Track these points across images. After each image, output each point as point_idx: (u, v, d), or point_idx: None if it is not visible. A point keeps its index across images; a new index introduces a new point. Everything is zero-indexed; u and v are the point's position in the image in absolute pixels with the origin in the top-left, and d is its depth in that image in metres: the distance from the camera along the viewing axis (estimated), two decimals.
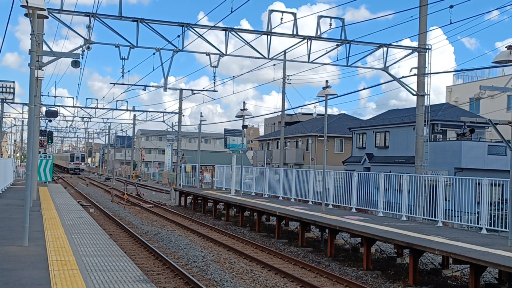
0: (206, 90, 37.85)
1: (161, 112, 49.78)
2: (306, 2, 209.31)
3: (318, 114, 49.43)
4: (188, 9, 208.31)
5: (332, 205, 22.09)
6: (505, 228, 14.77)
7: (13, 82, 36.46)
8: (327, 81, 20.65)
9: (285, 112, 40.50)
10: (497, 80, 38.97)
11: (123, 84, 32.24)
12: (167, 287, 12.17)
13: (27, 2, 10.33)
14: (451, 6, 18.17)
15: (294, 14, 21.01)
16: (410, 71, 21.93)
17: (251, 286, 12.60)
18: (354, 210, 20.66)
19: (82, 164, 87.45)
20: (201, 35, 20.87)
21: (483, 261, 10.92)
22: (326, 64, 25.13)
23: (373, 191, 20.28)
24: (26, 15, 11.20)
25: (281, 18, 20.62)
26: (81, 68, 23.14)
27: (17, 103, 44.66)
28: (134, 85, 35.98)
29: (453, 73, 48.68)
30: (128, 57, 20.96)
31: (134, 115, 58.66)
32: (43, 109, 38.19)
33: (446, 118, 36.93)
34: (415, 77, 22.00)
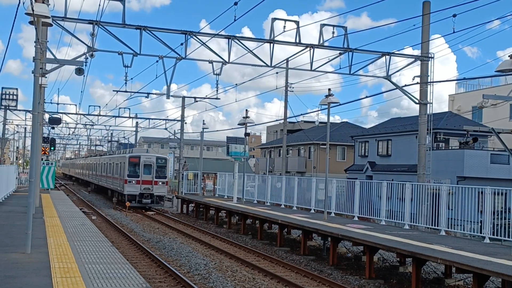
0: (208, 98, 37.91)
1: (163, 119, 49.88)
2: (308, 10, 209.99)
3: (320, 122, 49.47)
4: (190, 18, 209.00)
5: (334, 213, 22.05)
6: (509, 237, 14.73)
7: (16, 89, 36.67)
8: (329, 89, 20.68)
9: (287, 120, 40.51)
10: (500, 89, 38.94)
11: (126, 91, 32.28)
12: None
13: (32, 10, 10.39)
14: (454, 15, 18.23)
15: (297, 22, 21.09)
16: (413, 79, 21.99)
17: None
18: (356, 218, 20.62)
19: (160, 183, 35.85)
20: (204, 43, 20.95)
21: (486, 270, 10.89)
22: (329, 72, 25.22)
23: (375, 199, 20.24)
24: (30, 22, 11.27)
25: (284, 26, 20.71)
26: (84, 76, 23.22)
27: (20, 110, 44.79)
28: (137, 92, 36.10)
29: (456, 81, 48.67)
30: (131, 64, 21.06)
31: (137, 122, 58.73)
32: (46, 116, 38.24)
33: (448, 127, 36.92)
34: (417, 85, 22.04)
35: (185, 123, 43.51)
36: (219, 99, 41.45)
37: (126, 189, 34.58)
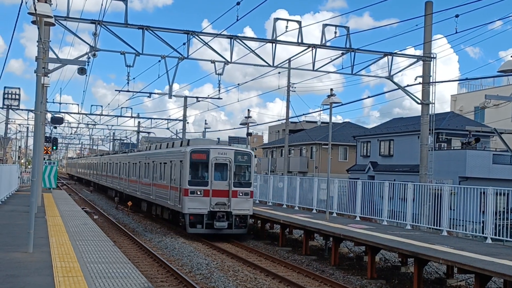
0: (210, 98, 37.92)
1: (165, 119, 49.85)
2: (310, 10, 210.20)
3: (322, 122, 49.46)
4: (192, 17, 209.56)
5: (336, 213, 22.03)
6: (511, 237, 14.73)
7: (18, 88, 36.71)
8: (331, 89, 20.70)
9: (289, 120, 40.47)
10: (502, 89, 38.93)
11: (128, 91, 32.27)
12: None
13: (35, 10, 10.41)
14: (457, 16, 18.22)
15: (299, 23, 21.08)
16: (415, 79, 21.99)
17: None
18: (358, 218, 20.60)
19: (242, 195, 21.31)
20: (206, 43, 20.96)
21: (488, 270, 10.88)
22: (331, 72, 25.23)
23: (377, 199, 20.23)
24: (33, 22, 11.28)
25: (286, 26, 20.70)
26: (86, 75, 23.23)
27: (22, 110, 44.87)
28: (139, 92, 36.07)
29: (458, 82, 48.72)
30: (134, 64, 21.08)
31: (139, 122, 58.75)
32: (49, 115, 38.29)
33: (451, 127, 36.89)
34: (419, 85, 22.03)
35: (187, 122, 43.52)
36: (221, 99, 41.50)
37: (186, 205, 20.95)
